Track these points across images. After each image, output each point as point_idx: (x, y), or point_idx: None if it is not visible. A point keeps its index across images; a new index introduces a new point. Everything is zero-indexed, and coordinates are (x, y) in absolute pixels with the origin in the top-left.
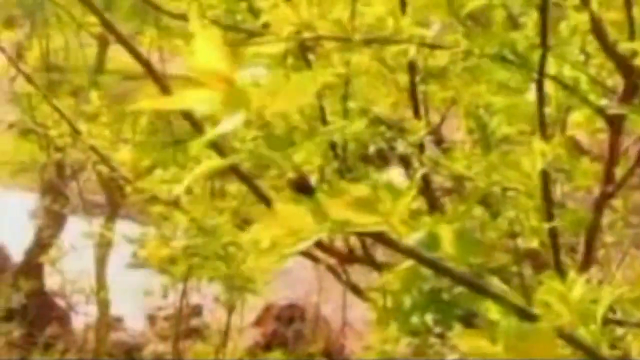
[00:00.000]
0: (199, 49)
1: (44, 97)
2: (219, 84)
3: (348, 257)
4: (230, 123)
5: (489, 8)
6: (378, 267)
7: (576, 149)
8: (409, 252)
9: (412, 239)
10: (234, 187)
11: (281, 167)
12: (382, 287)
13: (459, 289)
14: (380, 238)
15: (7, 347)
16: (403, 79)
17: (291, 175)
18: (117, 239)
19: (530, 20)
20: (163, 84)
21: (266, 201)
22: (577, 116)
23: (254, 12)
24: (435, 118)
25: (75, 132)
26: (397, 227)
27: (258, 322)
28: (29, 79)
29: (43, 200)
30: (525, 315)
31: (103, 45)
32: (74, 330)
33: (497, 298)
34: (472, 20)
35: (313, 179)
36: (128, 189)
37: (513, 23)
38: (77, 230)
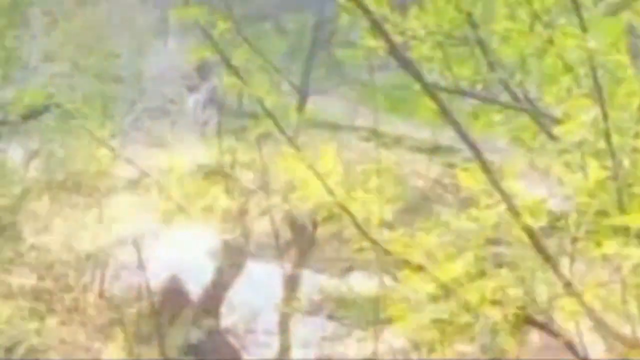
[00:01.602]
0: None
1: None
2: None
3: (634, 343)
4: None
5: None
6: None
7: None
8: None
9: None
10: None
11: None
12: None
13: None
14: None
15: None
16: None
17: None
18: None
19: None
20: (489, 170)
21: None
22: None
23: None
24: None
25: (328, 190)
26: None
27: None
28: (291, 141)
29: (225, 241)
30: None
31: (303, 95)
32: None
33: None
34: None
35: None
36: (363, 243)
37: None
38: (257, 272)
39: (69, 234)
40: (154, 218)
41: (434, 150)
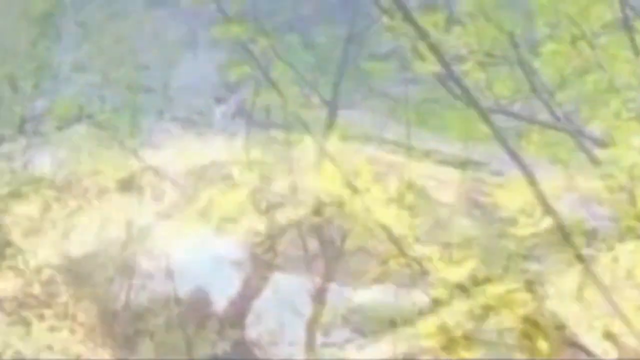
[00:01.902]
0: None
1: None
2: None
3: None
4: None
5: None
6: None
7: None
8: None
9: None
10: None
11: None
12: None
13: None
14: None
15: None
16: None
17: None
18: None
19: None
20: (539, 189)
21: None
22: None
23: None
24: None
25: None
26: None
27: None
28: (327, 155)
29: (252, 252)
30: None
31: (333, 108)
32: None
33: None
34: None
35: None
36: (398, 259)
37: None
38: (282, 283)
39: (94, 241)
40: (179, 227)
41: (464, 164)
